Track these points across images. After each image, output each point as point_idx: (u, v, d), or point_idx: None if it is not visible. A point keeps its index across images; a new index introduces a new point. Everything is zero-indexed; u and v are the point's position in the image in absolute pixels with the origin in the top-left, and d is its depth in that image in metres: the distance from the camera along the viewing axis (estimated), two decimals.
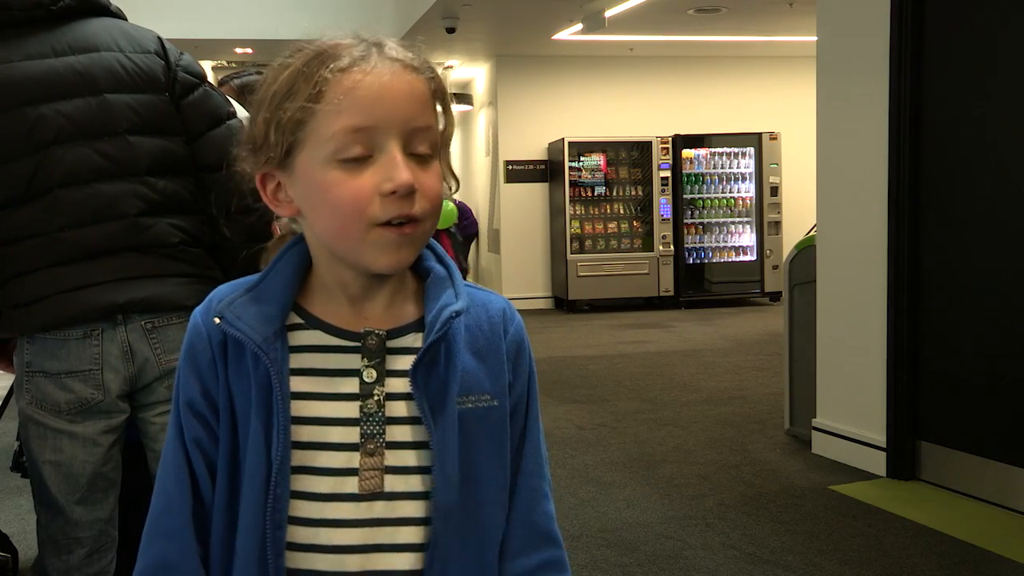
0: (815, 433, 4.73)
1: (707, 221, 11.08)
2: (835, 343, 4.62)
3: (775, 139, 10.91)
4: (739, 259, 11.12)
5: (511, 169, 11.33)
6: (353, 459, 0.96)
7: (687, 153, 10.97)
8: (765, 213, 10.99)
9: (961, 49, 3.99)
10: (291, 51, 0.95)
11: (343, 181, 0.91)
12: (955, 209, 4.05)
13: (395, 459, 0.96)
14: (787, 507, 3.91)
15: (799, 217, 10.98)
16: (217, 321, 0.96)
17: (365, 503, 0.95)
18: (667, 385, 6.48)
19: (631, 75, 11.34)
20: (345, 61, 0.91)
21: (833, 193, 4.65)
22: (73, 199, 1.89)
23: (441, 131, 0.96)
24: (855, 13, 4.44)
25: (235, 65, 11.55)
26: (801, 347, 4.95)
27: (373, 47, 0.93)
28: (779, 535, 3.59)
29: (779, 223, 10.98)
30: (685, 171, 10.97)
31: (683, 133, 11.01)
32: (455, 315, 0.96)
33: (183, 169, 2.01)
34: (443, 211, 1.01)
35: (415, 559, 0.96)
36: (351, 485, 0.95)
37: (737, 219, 11.13)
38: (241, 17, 9.90)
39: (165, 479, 0.99)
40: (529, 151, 11.36)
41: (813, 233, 4.95)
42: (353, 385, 0.97)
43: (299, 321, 0.99)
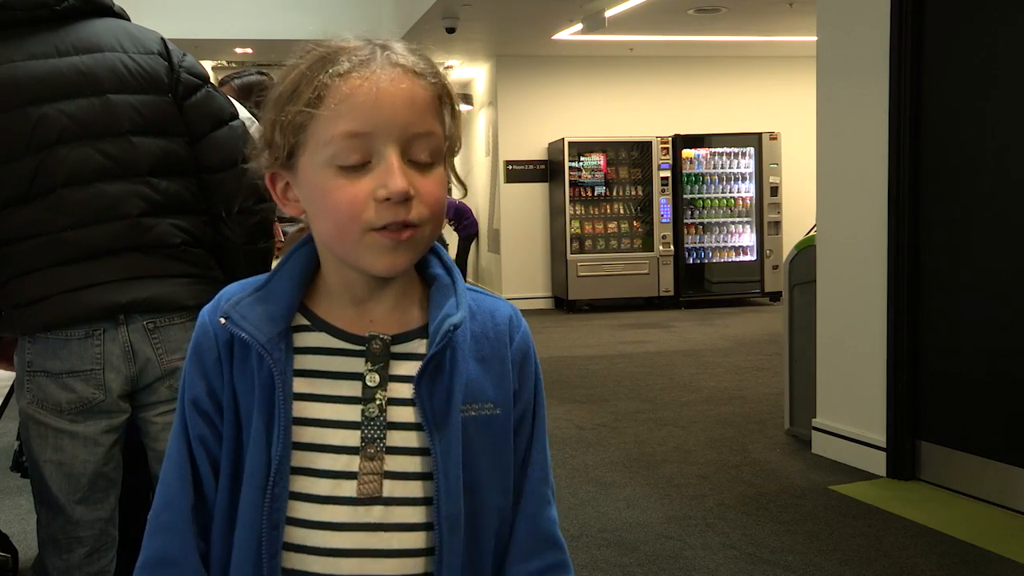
0: (815, 433, 4.73)
1: (707, 221, 11.08)
2: (835, 343, 4.62)
3: (775, 139, 10.91)
4: (739, 259, 11.12)
5: (511, 169, 11.34)
6: (353, 462, 0.96)
7: (687, 153, 10.97)
8: (765, 213, 10.99)
9: (961, 49, 4.00)
10: (301, 52, 0.95)
11: (340, 186, 0.91)
12: (955, 209, 4.05)
13: (395, 464, 0.96)
14: (787, 507, 3.92)
15: (799, 217, 10.98)
16: (223, 321, 0.97)
17: (363, 507, 0.95)
18: (667, 385, 6.48)
19: (631, 75, 11.34)
20: (345, 66, 0.91)
21: (833, 193, 4.65)
22: (76, 199, 1.89)
23: (446, 136, 0.96)
24: (855, 13, 4.44)
25: (235, 65, 11.55)
26: (801, 347, 4.95)
27: (378, 50, 0.93)
28: (779, 535, 3.59)
29: (779, 223, 10.98)
30: (685, 171, 10.97)
31: (683, 133, 11.01)
32: (454, 328, 0.96)
33: (185, 170, 2.01)
34: None
35: (412, 564, 0.96)
36: (349, 488, 0.95)
37: (737, 219, 11.13)
38: (241, 17, 9.90)
39: (168, 475, 1.00)
40: (529, 151, 11.36)
41: (813, 233, 4.95)
42: (356, 388, 0.97)
43: (305, 323, 0.99)
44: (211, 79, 2.13)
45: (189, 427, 0.99)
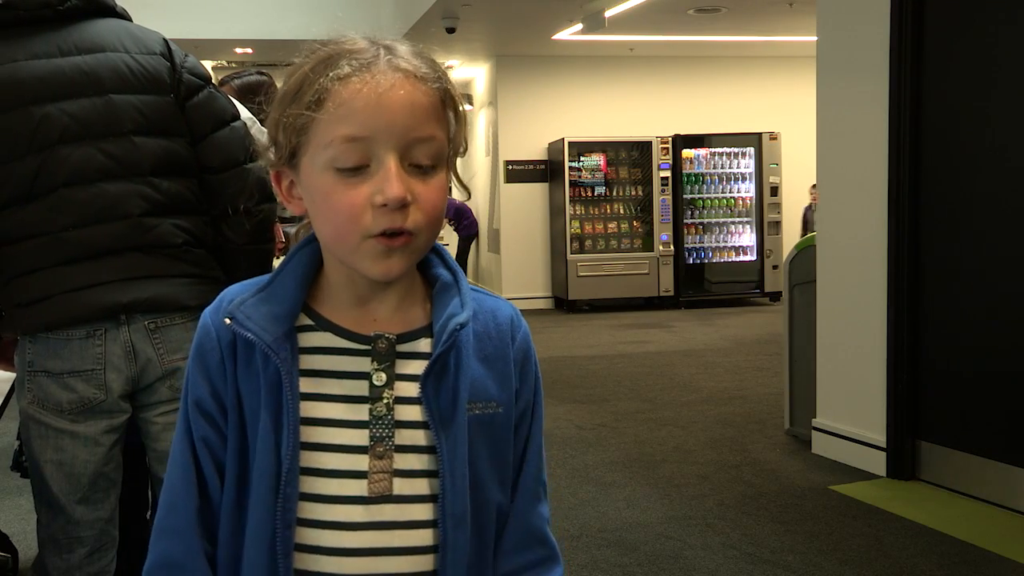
0: (815, 433, 4.73)
1: (707, 221, 11.08)
2: (835, 343, 4.62)
3: (775, 139, 10.91)
4: (739, 259, 11.12)
5: (511, 169, 11.34)
6: (361, 461, 0.96)
7: (687, 153, 10.98)
8: (765, 213, 10.99)
9: (961, 48, 4.00)
10: (306, 52, 0.95)
11: (339, 190, 0.91)
12: (956, 209, 4.05)
13: (402, 462, 0.97)
14: (787, 507, 3.92)
15: (799, 217, 11.00)
16: (228, 322, 0.97)
17: (374, 506, 0.96)
18: (667, 385, 6.48)
19: (631, 75, 11.34)
20: (345, 70, 0.91)
21: (833, 193, 4.65)
22: (77, 199, 1.89)
23: (449, 139, 0.96)
24: (855, 13, 4.45)
25: (235, 65, 11.55)
26: (801, 347, 4.95)
27: (382, 52, 0.93)
28: (779, 535, 3.59)
29: (779, 223, 10.98)
30: (685, 171, 10.98)
31: (683, 133, 11.02)
32: (460, 327, 0.97)
33: (187, 170, 2.01)
34: None
35: (420, 561, 0.97)
36: (359, 488, 0.96)
37: (737, 219, 11.13)
38: (241, 17, 9.91)
39: (172, 478, 0.99)
40: (529, 151, 11.36)
41: (813, 233, 4.96)
42: (362, 388, 0.97)
43: (309, 323, 0.99)
44: (212, 80, 2.13)
45: (193, 429, 0.99)
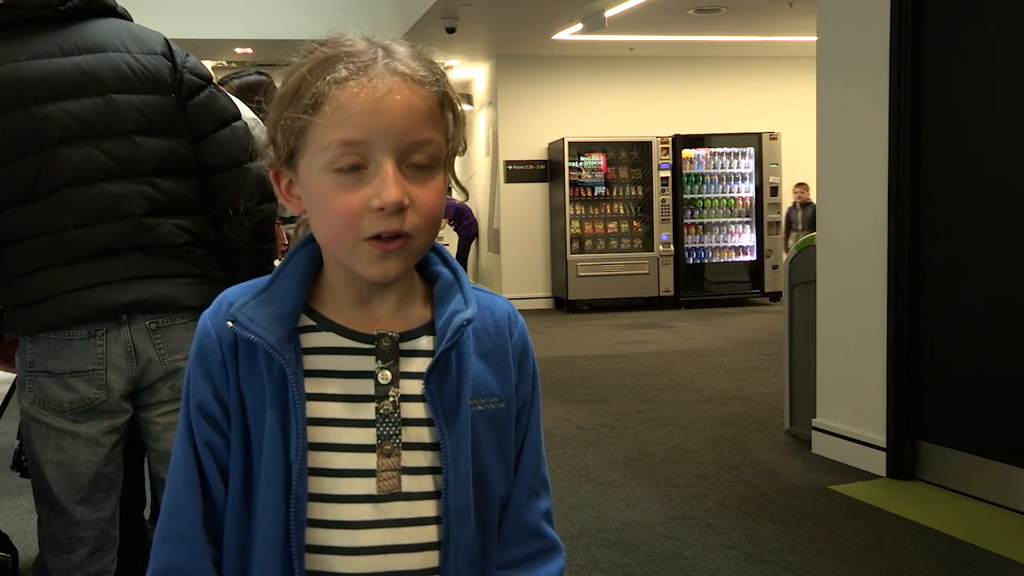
0: (815, 433, 4.73)
1: (707, 221, 11.08)
2: (835, 343, 4.62)
3: (775, 139, 10.91)
4: (739, 259, 11.13)
5: (511, 169, 11.34)
6: (369, 460, 0.96)
7: (687, 153, 10.98)
8: (765, 213, 11.00)
9: (961, 49, 4.00)
10: (304, 52, 0.95)
11: (337, 193, 0.91)
12: (956, 209, 4.05)
13: (409, 460, 0.97)
14: (787, 507, 3.92)
15: None
16: (230, 324, 0.96)
17: (384, 504, 0.96)
18: (667, 385, 6.48)
19: (631, 75, 11.34)
20: (343, 73, 0.90)
21: (833, 193, 4.65)
22: (79, 199, 1.89)
23: (448, 141, 0.96)
24: (855, 13, 4.45)
25: (235, 65, 11.55)
26: (801, 347, 4.95)
27: (380, 54, 0.93)
28: (779, 535, 3.59)
29: (779, 223, 10.98)
30: (685, 171, 10.98)
31: (683, 133, 11.02)
32: (466, 323, 0.97)
33: (188, 170, 2.01)
34: None
35: (430, 558, 0.97)
36: (368, 486, 0.96)
37: (737, 219, 11.14)
38: (241, 17, 9.90)
39: (175, 482, 0.99)
40: (529, 151, 11.36)
41: (813, 233, 4.96)
42: (368, 387, 0.98)
43: (311, 323, 0.99)
44: (213, 79, 2.13)
45: (195, 432, 0.98)
